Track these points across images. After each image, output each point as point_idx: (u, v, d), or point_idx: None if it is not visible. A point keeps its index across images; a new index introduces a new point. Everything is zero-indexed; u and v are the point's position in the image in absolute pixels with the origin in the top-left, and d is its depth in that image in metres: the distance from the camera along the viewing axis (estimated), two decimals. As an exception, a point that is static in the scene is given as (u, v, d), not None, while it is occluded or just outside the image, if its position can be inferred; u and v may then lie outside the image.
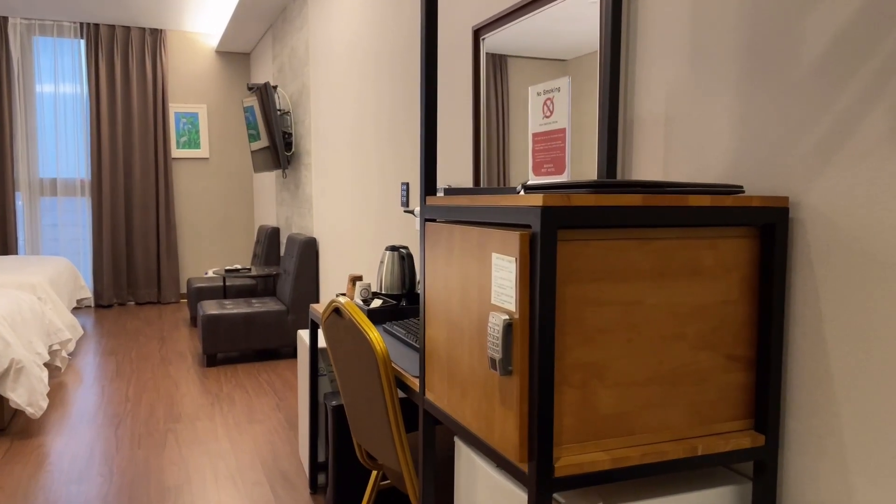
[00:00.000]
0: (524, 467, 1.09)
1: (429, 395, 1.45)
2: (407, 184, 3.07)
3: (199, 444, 3.21)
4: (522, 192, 1.14)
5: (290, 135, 5.81)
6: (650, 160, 1.55)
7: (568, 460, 1.08)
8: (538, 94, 1.45)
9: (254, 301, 5.10)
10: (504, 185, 2.27)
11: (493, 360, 1.10)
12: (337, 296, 2.49)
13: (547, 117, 1.43)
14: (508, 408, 1.10)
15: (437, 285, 1.38)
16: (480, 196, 1.21)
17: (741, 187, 1.20)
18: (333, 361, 1.91)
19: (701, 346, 1.18)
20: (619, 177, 1.66)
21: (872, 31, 1.07)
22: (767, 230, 1.20)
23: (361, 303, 2.37)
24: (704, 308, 1.17)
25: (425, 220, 1.45)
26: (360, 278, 2.49)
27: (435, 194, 1.46)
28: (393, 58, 3.25)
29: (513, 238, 1.06)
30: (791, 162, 1.21)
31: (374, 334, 1.61)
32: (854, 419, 1.12)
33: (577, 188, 1.10)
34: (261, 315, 4.77)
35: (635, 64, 1.59)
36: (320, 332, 2.75)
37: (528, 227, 1.06)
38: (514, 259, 1.06)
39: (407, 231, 3.13)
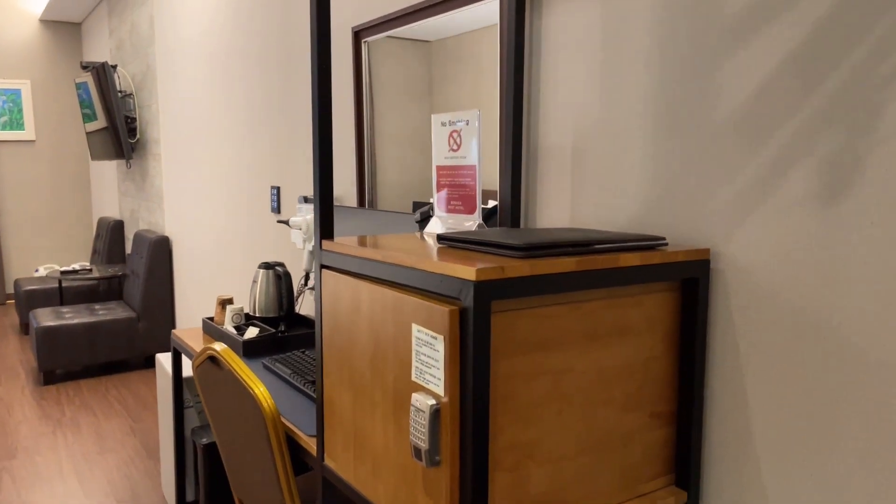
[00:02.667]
0: (454, 564, 0.98)
1: (329, 462, 1.30)
2: (278, 188, 2.83)
3: (41, 484, 2.82)
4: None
5: (134, 119, 5.25)
6: (557, 193, 1.48)
7: (501, 551, 0.98)
8: (443, 124, 1.33)
9: (97, 307, 4.59)
10: (372, 198, 2.10)
11: (417, 450, 0.97)
12: (205, 322, 2.24)
13: (454, 151, 1.31)
14: (435, 501, 0.98)
15: (338, 338, 1.22)
16: (393, 251, 1.07)
17: (664, 239, 1.15)
18: (207, 410, 1.70)
19: (627, 407, 1.12)
20: (522, 209, 1.57)
21: (793, 89, 1.04)
22: (689, 283, 1.16)
23: (234, 330, 2.14)
24: (630, 367, 1.12)
25: (322, 266, 1.28)
26: (230, 301, 2.25)
27: (332, 237, 1.29)
28: (257, 50, 2.97)
29: (440, 314, 0.93)
30: (710, 210, 1.18)
31: (259, 390, 1.42)
32: (775, 475, 1.11)
33: (507, 249, 1.00)
34: (107, 324, 4.30)
35: (539, 90, 1.50)
36: (185, 361, 2.48)
37: (456, 298, 0.94)
38: (441, 337, 0.93)
39: (280, 237, 2.90)
